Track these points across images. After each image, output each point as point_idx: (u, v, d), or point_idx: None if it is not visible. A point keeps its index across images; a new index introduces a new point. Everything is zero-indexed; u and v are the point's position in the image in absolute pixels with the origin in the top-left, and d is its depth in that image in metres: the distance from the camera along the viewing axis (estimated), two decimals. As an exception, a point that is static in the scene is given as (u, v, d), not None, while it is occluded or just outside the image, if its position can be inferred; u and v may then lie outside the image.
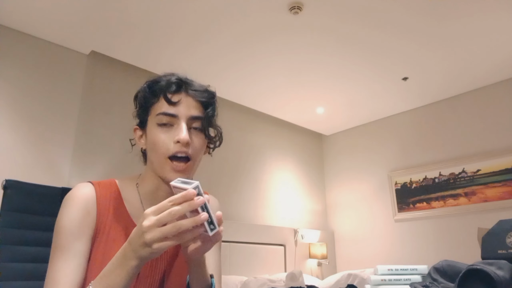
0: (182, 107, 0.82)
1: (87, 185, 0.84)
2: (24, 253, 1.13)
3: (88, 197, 0.82)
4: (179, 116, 0.81)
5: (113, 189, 0.86)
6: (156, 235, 0.60)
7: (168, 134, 0.81)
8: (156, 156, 0.81)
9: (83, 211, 0.80)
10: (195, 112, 0.83)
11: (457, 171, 4.18)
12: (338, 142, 5.46)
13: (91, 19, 3.05)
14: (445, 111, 4.43)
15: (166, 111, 0.81)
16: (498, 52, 3.53)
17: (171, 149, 0.80)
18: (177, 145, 0.79)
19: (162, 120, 0.81)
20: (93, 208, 0.81)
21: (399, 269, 1.12)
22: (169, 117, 0.81)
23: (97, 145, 3.30)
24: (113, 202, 0.84)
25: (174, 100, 0.81)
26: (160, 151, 0.80)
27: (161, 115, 0.81)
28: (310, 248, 4.63)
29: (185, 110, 0.82)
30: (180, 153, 0.80)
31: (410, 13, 3.00)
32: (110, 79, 3.55)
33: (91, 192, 0.83)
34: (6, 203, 1.12)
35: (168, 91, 0.82)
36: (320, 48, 3.48)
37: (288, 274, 3.24)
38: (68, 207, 0.80)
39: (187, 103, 0.82)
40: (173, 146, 0.80)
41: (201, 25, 3.14)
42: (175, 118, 0.81)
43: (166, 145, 0.80)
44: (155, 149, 0.81)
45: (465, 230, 3.95)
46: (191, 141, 0.81)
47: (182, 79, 0.84)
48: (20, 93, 3.08)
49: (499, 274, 0.88)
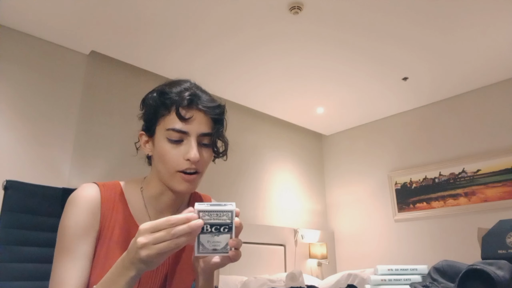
0: (194, 124, 0.81)
1: (92, 186, 0.84)
2: (25, 253, 1.13)
3: (92, 198, 0.82)
4: (190, 133, 0.81)
5: (118, 191, 0.86)
6: (152, 252, 0.60)
7: (178, 150, 0.81)
8: (165, 169, 0.82)
9: (88, 212, 0.80)
10: (206, 129, 0.83)
11: (457, 171, 4.18)
12: (338, 142, 5.46)
13: (91, 19, 3.05)
14: (445, 111, 4.43)
15: (178, 128, 0.80)
16: (498, 52, 3.53)
17: (181, 165, 0.81)
18: (187, 162, 0.80)
19: (172, 136, 0.81)
20: (98, 209, 0.81)
21: (399, 269, 1.12)
22: (180, 133, 0.81)
23: (97, 145, 3.30)
24: (117, 204, 0.84)
25: (186, 117, 0.81)
26: (170, 165, 0.81)
27: (172, 131, 0.81)
28: (310, 248, 4.63)
29: (196, 127, 0.82)
30: (190, 169, 0.81)
31: (410, 14, 3.00)
32: (110, 79, 3.55)
33: (96, 193, 0.83)
34: (6, 203, 1.12)
35: (181, 106, 0.81)
36: (320, 48, 3.48)
37: (288, 274, 3.24)
38: (73, 208, 0.79)
39: (198, 120, 0.82)
40: (183, 162, 0.81)
41: (201, 25, 3.14)
42: (185, 135, 0.81)
43: (176, 161, 0.81)
44: (164, 162, 0.82)
45: (465, 230, 3.95)
46: (200, 157, 0.81)
47: (195, 94, 0.83)
48: (20, 93, 3.08)
49: (499, 274, 0.88)
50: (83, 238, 0.77)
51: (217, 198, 1.01)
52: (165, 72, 3.80)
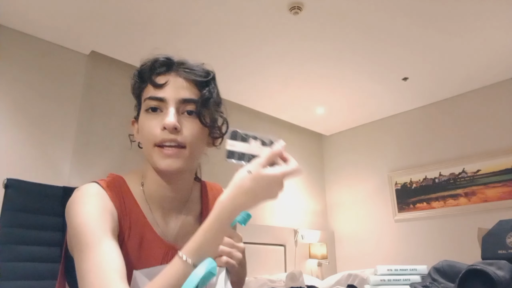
0: (171, 89, 0.73)
1: (93, 185, 0.74)
2: (25, 252, 1.12)
3: (101, 195, 0.72)
4: (167, 99, 0.72)
5: (125, 189, 0.77)
6: None
7: (156, 121, 0.72)
8: (145, 145, 0.74)
9: (101, 207, 0.69)
10: (186, 94, 0.73)
11: (457, 171, 4.18)
12: (338, 142, 5.46)
13: (91, 19, 3.05)
14: (445, 111, 4.43)
15: (152, 95, 0.73)
16: (498, 52, 3.53)
17: (158, 136, 0.71)
18: (164, 132, 0.71)
19: (149, 104, 0.73)
20: (112, 208, 0.71)
21: (399, 269, 1.11)
22: (156, 101, 0.72)
23: (97, 145, 3.30)
24: (129, 204, 0.75)
25: (160, 82, 0.72)
26: (147, 138, 0.72)
27: (148, 99, 0.73)
28: (310, 248, 4.63)
29: (174, 92, 0.73)
30: (168, 141, 0.71)
31: (410, 14, 3.00)
32: (110, 79, 3.55)
33: (102, 192, 0.73)
34: (7, 202, 1.11)
35: (154, 73, 0.74)
36: (320, 48, 3.47)
37: (288, 274, 3.24)
38: (82, 204, 0.69)
39: (176, 84, 0.73)
40: (160, 133, 0.71)
41: (202, 25, 3.14)
42: (163, 103, 0.72)
43: (153, 132, 0.71)
44: (143, 137, 0.74)
45: (465, 230, 3.95)
46: (181, 126, 0.71)
47: (170, 58, 0.76)
48: (20, 93, 3.08)
49: (499, 274, 0.88)
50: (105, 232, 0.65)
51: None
52: (165, 72, 3.80)
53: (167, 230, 0.78)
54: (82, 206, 0.68)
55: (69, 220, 0.69)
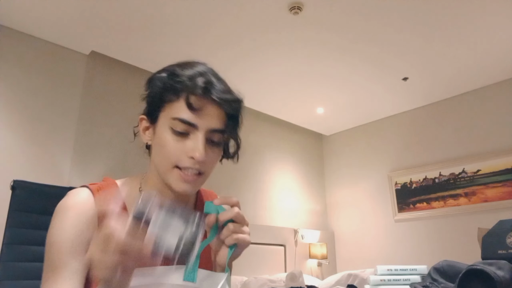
0: (204, 116, 0.69)
1: (83, 192, 0.72)
2: (32, 252, 1.13)
3: (86, 207, 0.70)
4: (199, 127, 0.69)
5: (115, 194, 0.75)
6: None
7: (181, 144, 0.69)
8: (163, 162, 0.71)
9: (80, 225, 0.68)
10: (217, 125, 0.71)
11: (457, 171, 4.17)
12: (338, 142, 5.46)
13: (91, 19, 3.05)
14: (445, 111, 4.43)
15: (185, 119, 0.68)
16: (498, 52, 3.53)
17: (182, 161, 0.69)
18: (190, 160, 0.69)
19: (178, 126, 0.69)
20: (93, 221, 0.70)
21: (399, 269, 1.11)
22: (187, 125, 0.69)
23: (97, 145, 3.30)
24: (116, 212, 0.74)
25: (196, 107, 0.68)
26: (169, 159, 0.70)
27: (178, 121, 0.69)
28: (310, 248, 4.63)
29: (207, 121, 0.70)
30: (192, 169, 0.70)
31: (410, 14, 3.00)
32: (110, 79, 3.55)
33: (89, 201, 0.71)
34: (14, 203, 1.13)
35: (192, 93, 0.69)
36: (320, 48, 3.47)
37: (288, 274, 3.24)
38: (61, 219, 0.68)
39: (210, 112, 0.70)
40: (185, 159, 0.69)
41: (201, 25, 3.14)
42: (193, 128, 0.69)
43: (177, 156, 0.69)
44: (163, 155, 0.71)
45: (465, 230, 3.95)
46: (206, 157, 0.70)
47: (210, 82, 0.71)
48: (20, 93, 3.08)
49: (499, 274, 0.88)
50: (74, 256, 0.66)
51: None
52: (165, 72, 3.80)
53: None
54: (59, 222, 0.69)
55: (47, 233, 0.70)
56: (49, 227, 0.70)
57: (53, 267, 0.66)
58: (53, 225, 0.69)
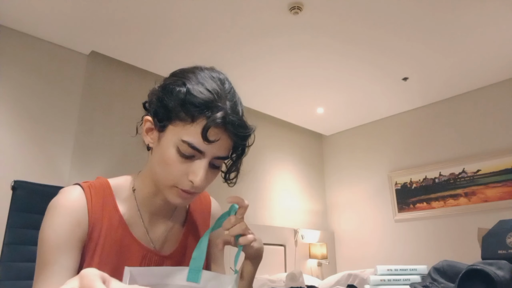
0: (214, 146, 0.69)
1: (75, 190, 0.73)
2: (34, 252, 1.14)
3: (77, 204, 0.71)
4: (206, 154, 0.70)
5: (107, 193, 0.76)
6: None
7: (184, 166, 0.70)
8: (163, 178, 0.72)
9: (72, 222, 0.70)
10: (224, 153, 0.72)
11: (457, 171, 4.18)
12: (338, 142, 5.46)
13: (91, 19, 3.06)
14: (445, 111, 4.43)
15: (195, 146, 0.68)
16: (498, 52, 3.53)
17: (181, 183, 0.71)
18: (189, 183, 0.71)
19: (186, 150, 0.69)
20: (84, 218, 0.71)
21: (399, 269, 1.11)
22: (195, 151, 0.69)
23: (97, 145, 3.30)
24: (106, 209, 0.74)
25: (211, 139, 0.68)
26: (170, 178, 0.71)
27: (187, 145, 0.68)
28: (310, 248, 4.63)
29: (215, 150, 0.70)
30: (189, 192, 0.72)
31: (410, 14, 3.00)
32: (110, 79, 3.55)
33: (81, 199, 0.72)
34: (15, 203, 1.13)
35: (209, 126, 0.67)
36: (320, 48, 3.48)
37: (288, 274, 3.24)
38: (53, 217, 0.70)
39: (220, 143, 0.70)
40: (185, 182, 0.71)
41: (201, 24, 3.14)
42: (200, 154, 0.70)
43: (178, 177, 0.71)
44: (165, 172, 0.71)
45: (465, 230, 3.95)
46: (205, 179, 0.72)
47: (228, 115, 0.70)
48: (20, 93, 3.08)
49: (499, 274, 0.88)
50: (65, 251, 0.68)
51: (217, 199, 1.01)
52: (166, 73, 3.79)
53: (153, 234, 0.80)
54: (50, 219, 0.70)
55: (40, 230, 0.71)
56: (41, 224, 0.71)
57: (44, 263, 0.67)
58: (45, 222, 0.71)
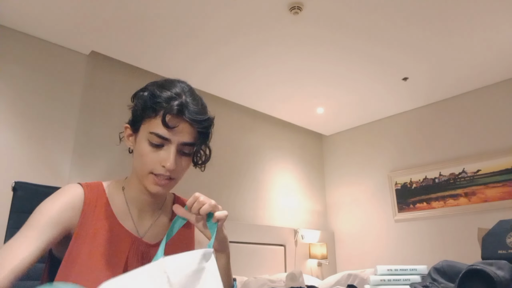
0: (177, 133, 0.81)
1: (76, 185, 0.87)
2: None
3: (76, 194, 0.84)
4: (172, 141, 0.81)
5: (100, 191, 0.88)
6: None
7: (156, 154, 0.81)
8: (140, 168, 0.84)
9: (68, 203, 0.81)
10: (188, 139, 0.82)
11: (457, 171, 4.18)
12: (338, 142, 5.46)
13: (91, 19, 3.05)
14: (445, 111, 4.43)
15: (160, 134, 0.80)
16: (498, 52, 3.53)
17: (156, 170, 0.82)
18: (162, 168, 0.81)
19: (154, 139, 0.81)
20: (79, 206, 0.83)
21: (399, 269, 1.12)
22: (161, 139, 0.81)
23: (97, 145, 3.30)
24: (99, 204, 0.86)
25: (171, 125, 0.80)
26: (146, 167, 0.82)
27: (155, 135, 0.80)
28: (310, 248, 4.63)
29: (179, 136, 0.81)
30: (164, 176, 0.82)
31: (410, 15, 3.00)
32: (110, 79, 3.55)
33: (80, 191, 0.85)
34: (15, 204, 1.13)
35: (167, 114, 0.80)
36: (320, 48, 3.48)
37: (288, 274, 3.24)
38: (54, 198, 0.81)
39: (183, 129, 0.81)
40: (158, 168, 0.81)
41: (201, 24, 3.14)
42: (167, 141, 0.81)
43: (152, 165, 0.82)
44: (141, 163, 0.83)
45: (465, 230, 3.95)
46: (177, 165, 0.82)
47: (184, 104, 0.81)
48: (20, 93, 3.08)
49: (499, 275, 0.88)
50: (53, 224, 0.76)
51: (217, 198, 1.03)
52: (166, 73, 3.81)
53: (141, 226, 0.90)
54: (50, 199, 0.81)
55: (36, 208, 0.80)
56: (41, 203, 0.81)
57: (29, 226, 0.75)
58: (45, 201, 0.81)
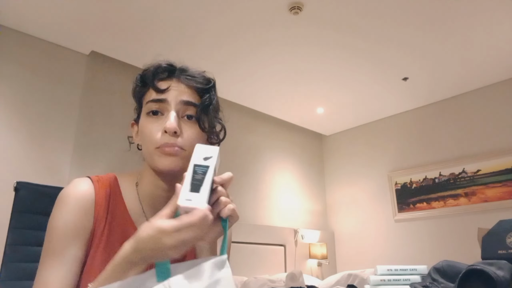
0: (172, 92, 0.74)
1: (85, 181, 0.76)
2: (36, 253, 1.14)
3: (85, 195, 0.74)
4: (168, 100, 0.74)
5: (113, 186, 0.79)
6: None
7: (156, 124, 0.73)
8: (146, 147, 0.75)
9: (79, 211, 0.72)
10: (187, 97, 0.75)
11: (457, 171, 4.18)
12: (338, 142, 5.46)
13: (91, 19, 3.05)
14: (445, 111, 4.43)
15: (154, 98, 0.74)
16: (498, 52, 3.53)
17: (159, 140, 0.72)
18: (165, 135, 0.72)
19: (150, 107, 0.74)
20: (91, 208, 0.74)
21: (399, 269, 1.12)
22: (157, 103, 0.74)
23: (97, 145, 3.30)
24: (113, 201, 0.77)
25: (162, 87, 0.74)
26: (148, 141, 0.73)
27: (150, 102, 0.74)
28: (310, 248, 4.63)
29: (176, 95, 0.74)
30: (169, 145, 0.71)
31: (410, 15, 3.00)
32: (110, 79, 3.55)
33: (89, 190, 0.75)
34: (17, 204, 1.13)
35: (156, 78, 0.75)
36: (320, 48, 3.47)
37: (288, 274, 3.24)
38: (62, 206, 0.72)
39: (178, 88, 0.75)
40: (161, 137, 0.72)
41: (201, 25, 3.14)
42: (164, 104, 0.74)
43: (153, 135, 0.72)
44: (145, 140, 0.74)
45: (465, 230, 3.95)
46: (181, 131, 0.73)
47: (172, 64, 0.78)
48: (20, 93, 3.08)
49: (499, 274, 0.88)
50: (73, 241, 0.70)
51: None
52: (165, 72, 3.81)
53: None
54: (59, 208, 0.73)
55: (49, 219, 0.73)
56: (51, 214, 0.73)
57: (53, 251, 0.69)
58: (54, 211, 0.73)
